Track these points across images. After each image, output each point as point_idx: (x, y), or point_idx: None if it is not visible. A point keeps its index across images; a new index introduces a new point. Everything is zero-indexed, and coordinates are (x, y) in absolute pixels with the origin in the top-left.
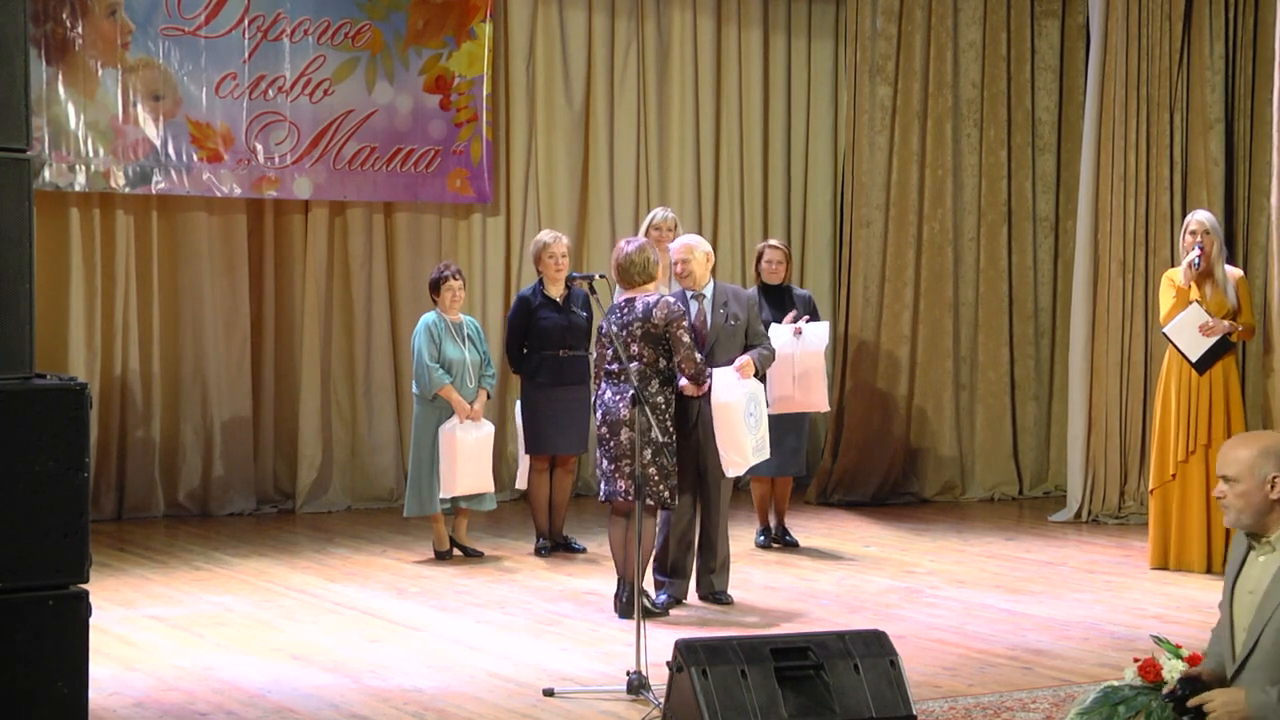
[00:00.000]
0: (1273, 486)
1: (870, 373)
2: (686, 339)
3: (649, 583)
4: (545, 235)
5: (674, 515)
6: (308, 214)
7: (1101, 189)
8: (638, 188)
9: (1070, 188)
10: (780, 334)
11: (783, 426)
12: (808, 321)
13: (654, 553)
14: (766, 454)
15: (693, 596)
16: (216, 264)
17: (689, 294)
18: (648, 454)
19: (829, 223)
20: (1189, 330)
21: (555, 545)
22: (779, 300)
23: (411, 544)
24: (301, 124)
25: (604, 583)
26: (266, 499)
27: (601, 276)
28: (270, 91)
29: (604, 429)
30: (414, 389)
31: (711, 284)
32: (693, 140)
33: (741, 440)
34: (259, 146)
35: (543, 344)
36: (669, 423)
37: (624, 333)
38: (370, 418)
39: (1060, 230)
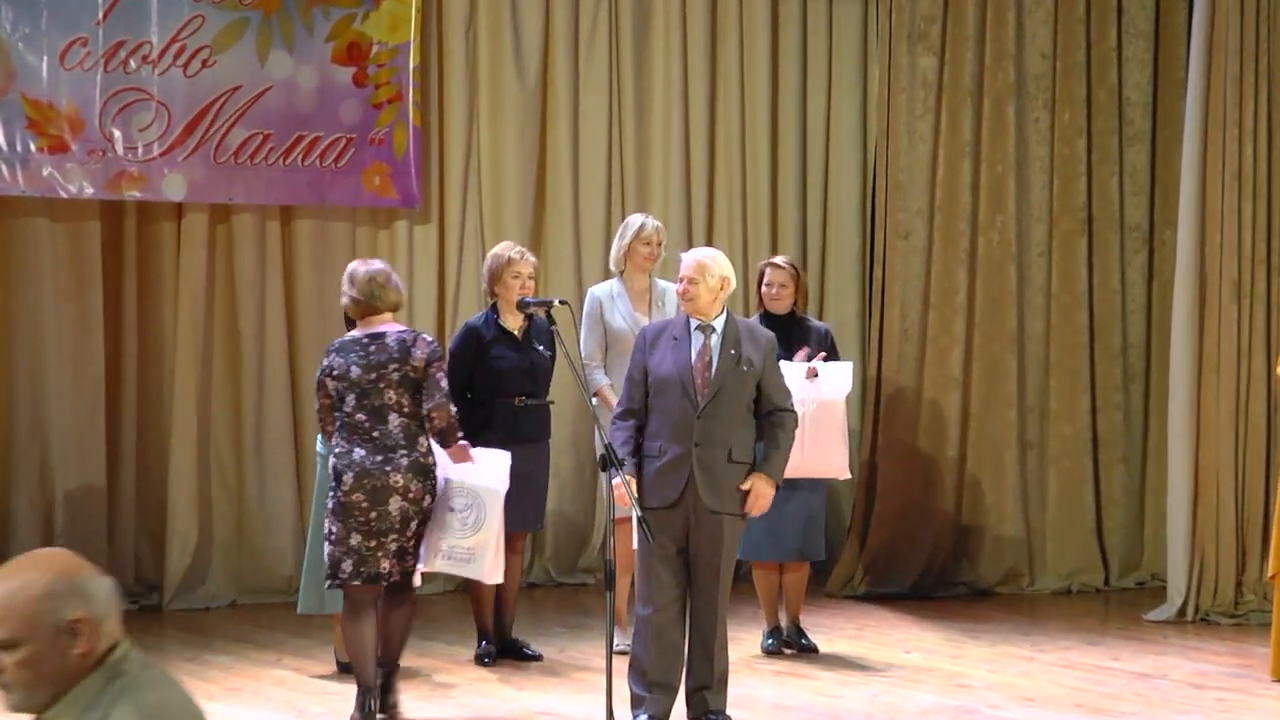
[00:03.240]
0: (74, 635)
1: (909, 427)
2: (444, 384)
3: (624, 698)
4: (508, 249)
5: (655, 613)
6: (181, 220)
7: (1209, 189)
8: (609, 189)
9: (1168, 188)
10: (790, 375)
11: (794, 496)
12: (824, 360)
13: (630, 660)
14: (470, 571)
15: (680, 717)
16: (61, 285)
17: (694, 324)
18: (414, 525)
19: (856, 233)
20: None
21: (503, 650)
22: (785, 334)
23: (315, 650)
24: (173, 105)
25: (568, 700)
26: (125, 591)
27: (563, 302)
28: (132, 62)
29: (356, 496)
30: (318, 445)
31: (724, 316)
32: (680, 128)
33: (434, 531)
34: (117, 133)
35: (494, 389)
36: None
37: (375, 376)
38: (262, 485)
39: (1155, 242)
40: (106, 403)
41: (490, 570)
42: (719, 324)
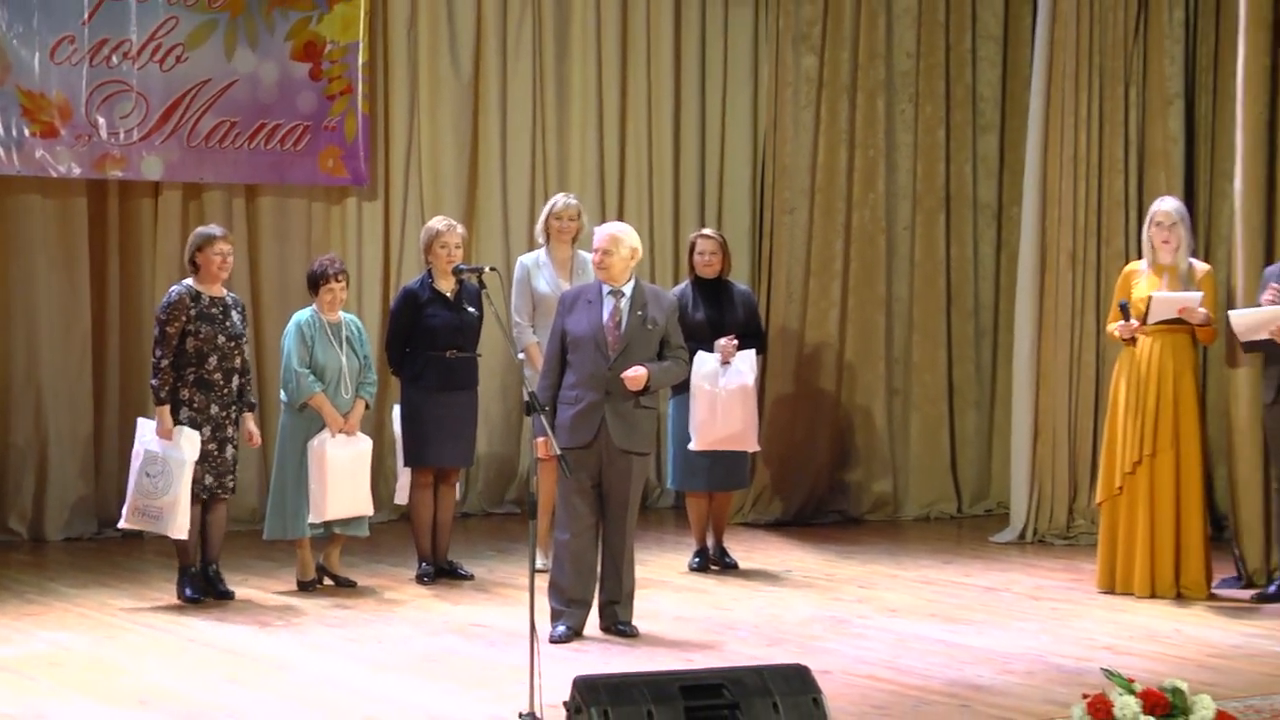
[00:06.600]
0: None
1: (792, 377)
2: (156, 336)
3: (545, 612)
4: (438, 222)
5: (572, 538)
6: (158, 197)
7: (1049, 172)
8: (533, 170)
9: (1015, 171)
10: (706, 364)
11: None
12: (736, 346)
13: (550, 579)
14: (160, 527)
15: (593, 629)
16: (52, 254)
17: (606, 289)
18: None
19: (748, 210)
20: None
21: (439, 571)
22: (715, 297)
23: (276, 571)
24: (151, 95)
25: (496, 613)
26: (110, 521)
27: (492, 269)
28: (114, 58)
29: None
30: (281, 396)
31: (633, 282)
32: (595, 117)
33: (133, 493)
34: (101, 120)
35: (429, 344)
36: None
37: None
38: None
39: (1004, 218)
40: (93, 357)
41: (176, 526)
42: (628, 289)
